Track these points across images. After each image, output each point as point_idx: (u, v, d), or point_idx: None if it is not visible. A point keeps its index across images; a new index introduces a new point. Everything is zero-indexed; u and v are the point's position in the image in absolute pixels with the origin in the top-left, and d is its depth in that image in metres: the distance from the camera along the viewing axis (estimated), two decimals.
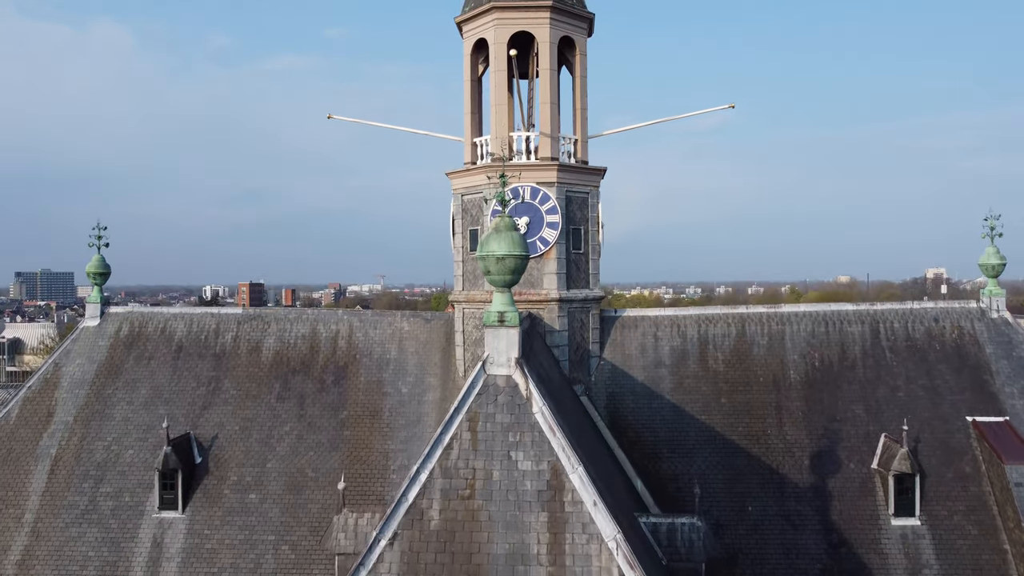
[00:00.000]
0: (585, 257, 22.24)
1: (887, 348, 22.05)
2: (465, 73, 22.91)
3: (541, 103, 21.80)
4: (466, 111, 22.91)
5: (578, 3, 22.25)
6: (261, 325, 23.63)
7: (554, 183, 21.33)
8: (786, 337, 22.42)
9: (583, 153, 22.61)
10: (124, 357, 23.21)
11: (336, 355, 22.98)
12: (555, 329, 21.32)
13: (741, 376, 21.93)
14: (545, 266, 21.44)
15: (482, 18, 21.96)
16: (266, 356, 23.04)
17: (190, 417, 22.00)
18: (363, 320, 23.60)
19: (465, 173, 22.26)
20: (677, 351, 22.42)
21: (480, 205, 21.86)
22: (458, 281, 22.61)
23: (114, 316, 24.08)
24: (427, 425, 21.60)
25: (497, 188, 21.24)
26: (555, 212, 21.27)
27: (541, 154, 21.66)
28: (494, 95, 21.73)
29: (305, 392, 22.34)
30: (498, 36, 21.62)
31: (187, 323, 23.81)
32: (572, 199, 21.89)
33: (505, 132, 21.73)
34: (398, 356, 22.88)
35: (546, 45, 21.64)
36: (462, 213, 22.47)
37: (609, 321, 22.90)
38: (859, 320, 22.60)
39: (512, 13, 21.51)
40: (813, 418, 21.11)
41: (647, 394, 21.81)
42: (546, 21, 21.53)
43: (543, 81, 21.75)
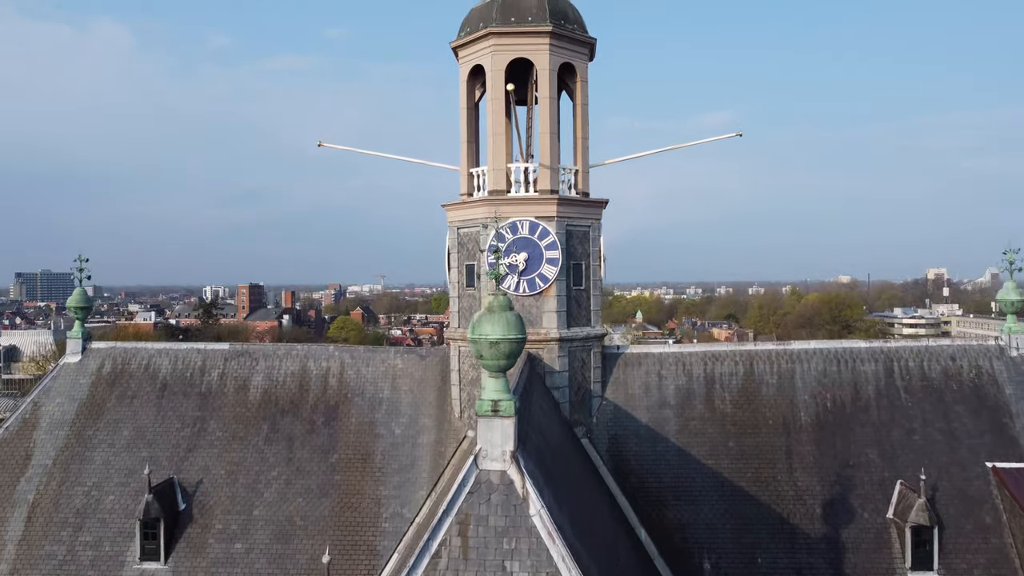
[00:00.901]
0: (586, 293, 21.29)
1: (902, 388, 21.11)
2: (461, 100, 21.96)
3: (540, 133, 20.85)
4: (462, 139, 21.96)
5: (579, 28, 21.29)
6: (249, 362, 22.69)
7: (554, 217, 20.38)
8: (796, 376, 21.47)
9: (584, 184, 21.66)
10: (106, 396, 22.28)
11: (327, 394, 22.05)
12: (555, 370, 20.38)
13: (749, 418, 20.98)
14: (544, 304, 20.49)
15: (479, 44, 21.01)
16: (254, 395, 22.10)
17: (174, 460, 21.08)
18: (355, 356, 22.65)
19: (461, 206, 21.33)
20: (682, 391, 21.47)
21: (476, 240, 20.91)
22: (454, 317, 21.67)
23: (96, 352, 23.15)
24: (421, 470, 20.67)
25: (493, 221, 20.36)
26: (555, 248, 20.32)
27: (540, 186, 20.71)
28: (491, 124, 20.79)
29: (294, 434, 21.41)
30: (495, 63, 20.67)
31: (172, 360, 22.87)
32: (572, 233, 20.93)
33: (503, 163, 20.78)
34: (391, 395, 21.94)
35: (545, 72, 20.69)
36: (458, 247, 21.53)
37: (611, 359, 21.95)
38: (872, 358, 21.64)
39: (510, 39, 20.56)
40: (825, 463, 20.17)
41: (651, 437, 20.87)
42: (545, 47, 20.58)
43: (542, 110, 20.80)
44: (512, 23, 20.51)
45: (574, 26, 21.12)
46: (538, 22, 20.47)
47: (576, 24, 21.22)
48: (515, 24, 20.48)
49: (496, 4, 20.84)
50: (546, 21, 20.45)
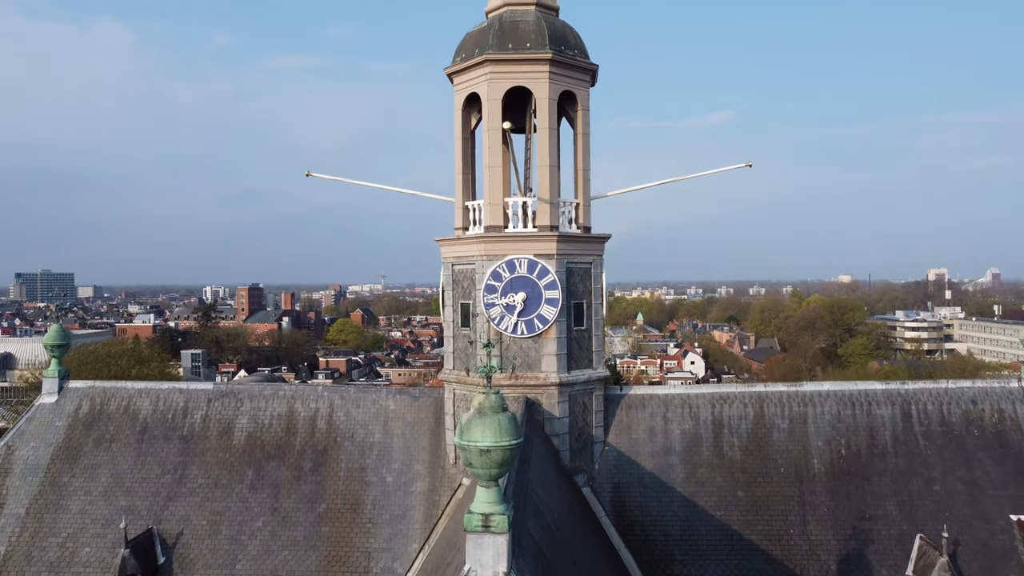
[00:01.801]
0: (588, 333, 20.20)
1: (920, 434, 20.03)
2: (456, 129, 20.86)
3: (539, 165, 19.75)
4: (457, 170, 20.87)
5: (580, 54, 20.20)
6: (233, 403, 21.61)
7: (553, 255, 19.29)
8: (809, 420, 20.39)
9: (585, 218, 20.57)
10: (83, 439, 21.21)
11: (315, 437, 20.98)
12: (555, 416, 19.29)
13: (759, 465, 19.90)
14: (544, 346, 19.40)
15: (474, 71, 19.92)
16: (238, 439, 21.03)
17: (153, 510, 20.01)
18: (345, 397, 21.57)
19: (456, 242, 20.25)
20: (689, 435, 20.39)
21: (472, 277, 19.83)
22: (448, 358, 20.59)
23: (73, 392, 22.07)
24: (413, 520, 19.60)
25: (488, 258, 19.27)
26: (554, 287, 19.23)
27: (539, 221, 19.62)
28: (487, 157, 19.70)
29: (280, 481, 20.33)
30: (492, 91, 19.58)
31: (153, 400, 21.79)
32: (573, 271, 19.85)
33: (499, 197, 19.70)
34: (383, 439, 20.86)
35: (545, 102, 19.60)
36: (452, 284, 20.45)
37: (614, 400, 20.87)
38: (889, 401, 20.56)
39: (507, 67, 19.47)
40: (840, 515, 19.09)
41: (656, 485, 19.79)
42: (544, 75, 19.48)
43: (541, 141, 19.70)
44: (509, 49, 19.43)
45: (575, 52, 20.03)
46: (537, 48, 19.39)
47: (577, 50, 20.13)
48: (512, 51, 19.40)
49: (492, 29, 19.76)
50: (545, 47, 19.37)
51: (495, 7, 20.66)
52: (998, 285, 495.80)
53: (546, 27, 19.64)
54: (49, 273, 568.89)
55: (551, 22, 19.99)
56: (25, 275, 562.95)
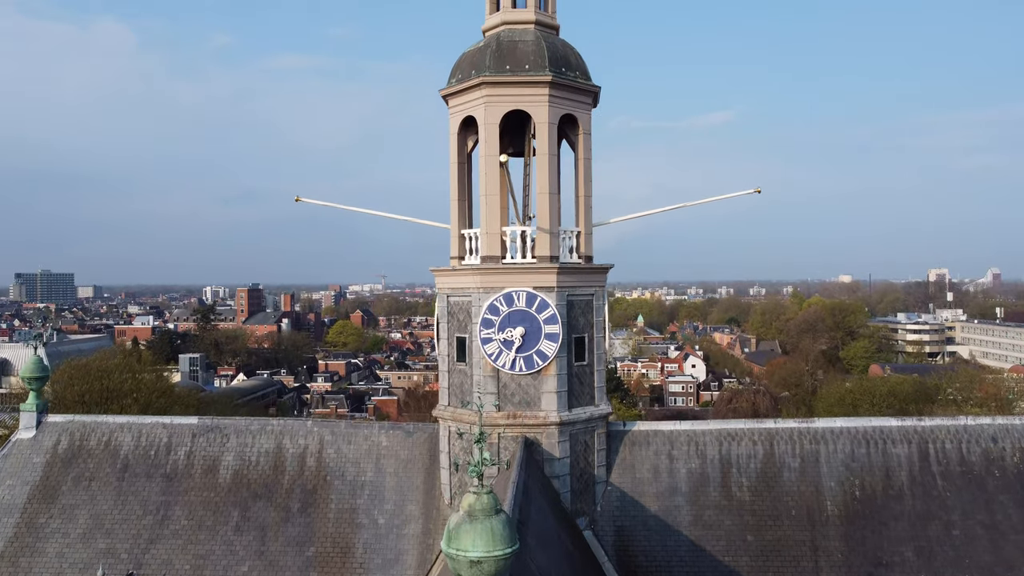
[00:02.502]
0: (589, 369, 19.27)
1: (938, 474, 19.09)
2: (451, 154, 19.92)
3: (539, 193, 18.82)
4: (452, 196, 19.94)
5: (581, 75, 19.26)
6: (219, 438, 20.69)
7: (553, 288, 18.35)
8: (821, 459, 19.45)
9: (587, 247, 19.64)
10: (61, 478, 20.28)
11: (304, 476, 20.05)
12: (555, 457, 18.36)
13: (770, 507, 18.97)
14: (543, 383, 18.47)
15: (470, 93, 18.98)
16: (223, 477, 20.10)
17: (134, 554, 19.08)
18: (335, 433, 20.64)
19: (451, 273, 19.31)
20: (695, 475, 19.45)
21: (468, 310, 18.89)
22: (443, 394, 19.66)
23: (52, 427, 21.15)
24: (407, 565, 18.67)
25: (484, 290, 18.34)
26: (555, 321, 18.30)
27: (539, 251, 18.69)
28: (484, 185, 18.75)
29: (267, 522, 19.41)
30: (489, 115, 18.64)
31: (135, 435, 20.86)
32: (574, 304, 18.92)
33: (497, 227, 18.75)
34: (375, 478, 19.94)
35: (544, 126, 18.66)
36: (448, 316, 19.52)
37: (616, 437, 19.94)
38: (905, 439, 19.63)
39: (505, 89, 18.53)
40: (855, 562, 18.16)
41: (661, 529, 18.85)
42: (544, 99, 18.55)
43: (541, 167, 18.77)
44: (507, 71, 18.49)
45: (576, 74, 19.09)
46: (536, 70, 18.45)
47: (578, 71, 19.20)
48: (511, 73, 18.46)
49: (490, 49, 18.82)
50: (545, 69, 18.43)
51: (493, 26, 19.74)
52: (999, 285, 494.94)
53: (546, 48, 18.71)
54: (49, 273, 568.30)
55: (551, 42, 19.06)
56: (25, 275, 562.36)
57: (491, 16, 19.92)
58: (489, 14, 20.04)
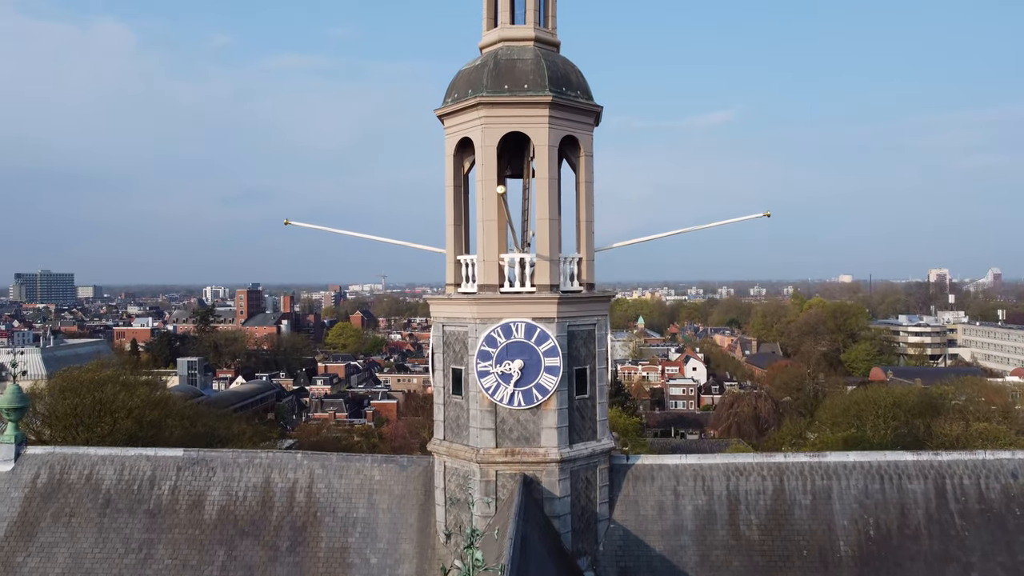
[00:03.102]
0: (591, 402, 18.43)
1: (956, 512, 18.25)
2: (447, 176, 19.08)
3: (539, 218, 17.97)
4: (448, 221, 19.10)
5: (583, 95, 18.42)
6: (205, 472, 19.85)
7: (554, 319, 17.51)
8: (833, 495, 18.61)
9: (589, 274, 18.80)
10: (40, 513, 19.44)
11: (293, 512, 19.21)
12: (555, 496, 17.51)
13: (780, 547, 18.12)
14: (543, 418, 17.63)
15: (467, 114, 18.14)
16: (209, 513, 19.26)
17: None
18: (326, 467, 19.80)
19: (446, 302, 18.47)
20: (702, 512, 18.61)
21: (464, 341, 18.04)
22: (439, 427, 18.82)
23: (31, 459, 20.31)
24: None
25: (481, 321, 17.49)
26: (555, 353, 17.46)
27: (538, 280, 17.85)
28: (481, 211, 17.90)
29: (254, 562, 18.57)
30: (486, 137, 17.80)
31: (117, 469, 20.02)
32: (576, 334, 18.08)
33: (494, 254, 17.90)
34: (367, 514, 19.10)
35: (544, 149, 17.82)
36: (443, 346, 18.67)
37: (619, 471, 19.10)
38: (921, 474, 18.79)
39: (503, 110, 17.69)
40: None
41: (667, 570, 18.00)
42: (544, 121, 17.70)
43: (540, 191, 17.93)
44: (505, 91, 17.65)
45: (577, 93, 18.25)
46: (536, 90, 17.61)
47: (580, 91, 18.36)
48: (509, 93, 17.62)
49: (487, 68, 17.98)
50: (545, 89, 17.60)
51: (490, 43, 18.90)
52: (999, 285, 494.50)
53: (546, 66, 17.87)
54: (49, 274, 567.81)
55: (551, 60, 18.23)
56: (25, 275, 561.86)
57: (488, 33, 19.09)
58: (486, 30, 19.21)
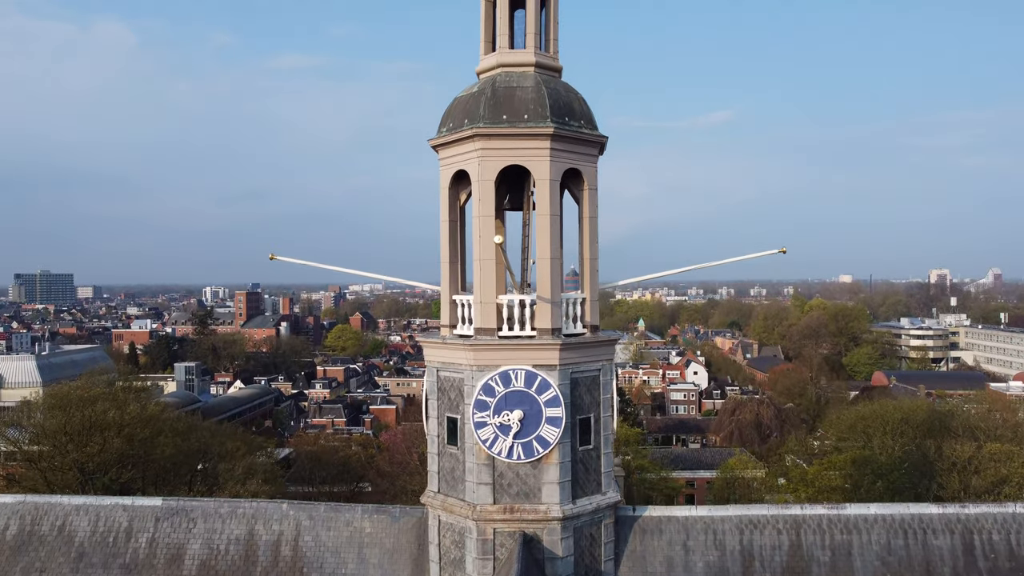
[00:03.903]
0: (595, 453, 17.27)
1: (986, 571, 17.09)
2: (442, 210, 17.91)
3: (539, 258, 16.80)
4: (443, 258, 17.93)
5: (586, 124, 17.25)
6: (185, 523, 18.68)
7: (556, 366, 16.35)
8: (854, 551, 17.45)
9: (592, 315, 17.62)
10: (9, 568, 18.27)
11: (278, 567, 18.05)
12: (557, 556, 16.35)
13: None
14: (544, 473, 16.46)
15: (462, 145, 16.97)
16: (189, 568, 18.10)
17: None
18: (313, 518, 18.63)
19: (441, 346, 17.29)
20: (714, 569, 17.44)
21: (460, 388, 16.88)
22: (433, 478, 17.65)
23: (1, 509, 19.16)
24: None
25: (478, 368, 16.36)
26: (557, 403, 16.29)
27: (539, 323, 16.68)
28: (478, 248, 16.72)
29: None
30: (483, 171, 16.63)
31: (92, 519, 18.86)
32: (579, 382, 16.91)
33: (492, 296, 16.73)
34: (357, 569, 17.94)
35: (546, 183, 16.65)
36: (438, 393, 17.50)
37: (625, 524, 17.94)
38: (947, 528, 17.63)
39: (501, 142, 16.52)
40: None
41: None
42: (545, 154, 16.54)
43: (541, 229, 16.76)
44: (504, 122, 16.48)
45: (580, 123, 17.08)
46: (536, 121, 16.44)
47: (583, 120, 17.19)
48: (507, 124, 16.44)
49: (484, 96, 16.81)
50: (546, 120, 16.43)
51: (488, 68, 17.74)
52: (1000, 286, 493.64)
53: (547, 94, 16.70)
54: (48, 274, 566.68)
55: (553, 88, 17.06)
56: (24, 276, 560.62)
57: (486, 57, 17.92)
58: (484, 54, 18.04)
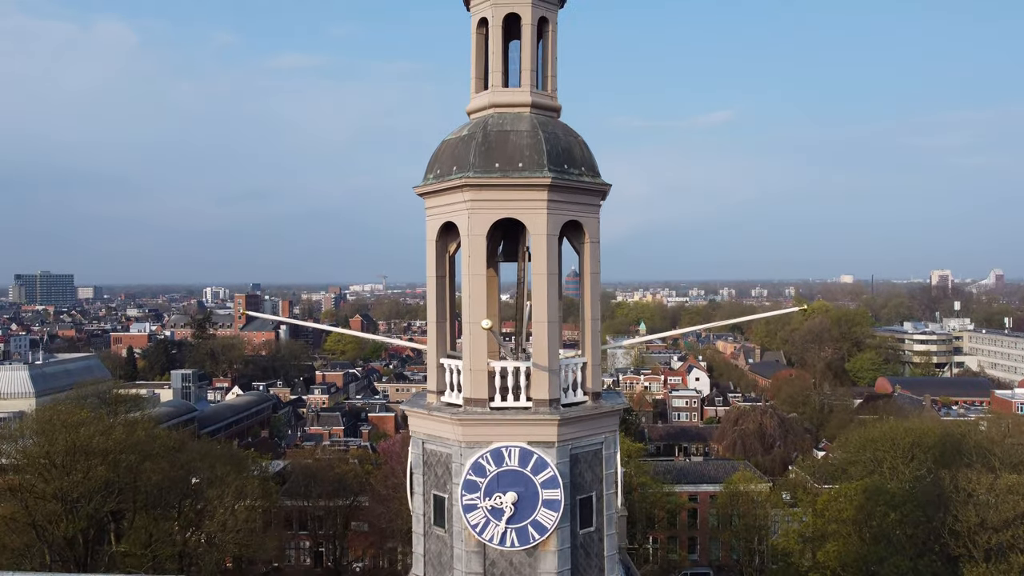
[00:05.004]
0: (598, 535, 15.66)
1: None
2: (428, 265, 16.26)
3: (536, 320, 15.19)
4: (431, 318, 16.31)
5: (588, 171, 15.63)
6: None
7: (553, 443, 14.74)
8: None
9: (594, 381, 16.00)
10: None
11: None
12: None
13: None
14: (541, 561, 14.84)
15: (451, 195, 15.36)
16: None
17: None
18: None
19: (427, 418, 15.69)
20: None
21: (447, 464, 15.28)
22: (418, 561, 16.03)
23: None
24: None
25: (468, 444, 14.76)
26: (554, 484, 14.68)
27: (535, 392, 15.07)
28: (468, 310, 15.10)
29: None
30: (474, 225, 15.02)
31: None
32: (579, 458, 15.31)
33: (483, 362, 15.13)
34: None
35: (543, 239, 15.04)
36: (424, 468, 15.90)
37: None
38: None
39: (493, 194, 14.90)
40: None
41: None
42: (542, 206, 14.93)
43: (538, 289, 15.14)
44: (496, 171, 14.86)
45: (581, 171, 15.46)
46: (532, 170, 14.83)
47: (584, 167, 15.57)
48: (500, 173, 14.82)
49: (475, 142, 15.20)
50: (543, 169, 14.82)
51: (479, 108, 16.14)
52: (1002, 286, 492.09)
53: (544, 140, 15.09)
54: (49, 275, 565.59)
55: (551, 132, 15.44)
56: (25, 276, 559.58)
57: (477, 96, 16.31)
58: (475, 92, 16.43)
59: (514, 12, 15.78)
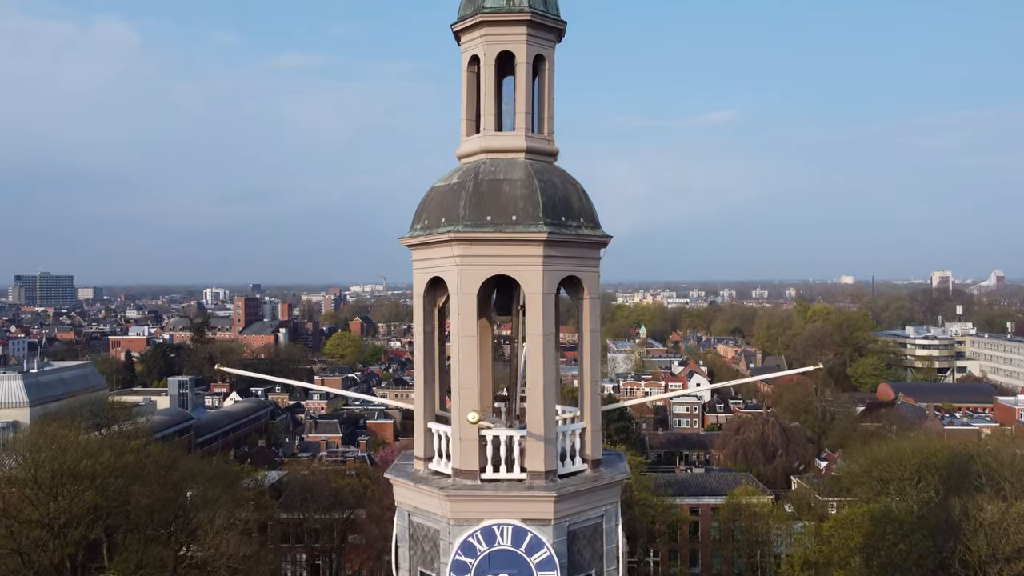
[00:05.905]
0: None
1: None
2: (416, 321, 15.18)
3: (531, 383, 14.03)
4: (418, 379, 15.22)
5: (587, 221, 14.50)
6: None
7: (550, 521, 13.60)
8: None
9: (594, 448, 14.87)
10: None
11: None
12: None
13: None
14: None
15: (439, 249, 14.22)
16: None
17: None
18: None
19: (413, 489, 14.54)
20: None
21: (435, 540, 14.14)
22: None
23: None
24: None
25: (456, 522, 13.62)
26: (551, 566, 13.53)
27: (530, 463, 13.94)
28: (458, 374, 14.00)
29: None
30: (464, 283, 13.89)
31: None
32: (578, 535, 14.17)
33: (474, 431, 13.98)
34: None
35: (538, 297, 13.91)
36: (410, 541, 14.76)
37: None
38: None
39: (484, 249, 13.75)
40: None
41: None
42: (538, 263, 13.78)
43: (533, 352, 14.00)
44: (487, 224, 13.70)
45: (579, 222, 14.33)
46: (526, 224, 13.67)
47: (583, 218, 14.44)
48: (492, 228, 13.67)
49: (465, 192, 14.03)
50: (538, 222, 13.65)
51: (470, 153, 15.00)
52: (1002, 287, 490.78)
53: (540, 190, 13.95)
54: (48, 275, 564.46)
55: (547, 180, 14.30)
56: (24, 277, 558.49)
57: (468, 139, 15.17)
58: (466, 135, 15.28)
59: (508, 50, 14.64)
